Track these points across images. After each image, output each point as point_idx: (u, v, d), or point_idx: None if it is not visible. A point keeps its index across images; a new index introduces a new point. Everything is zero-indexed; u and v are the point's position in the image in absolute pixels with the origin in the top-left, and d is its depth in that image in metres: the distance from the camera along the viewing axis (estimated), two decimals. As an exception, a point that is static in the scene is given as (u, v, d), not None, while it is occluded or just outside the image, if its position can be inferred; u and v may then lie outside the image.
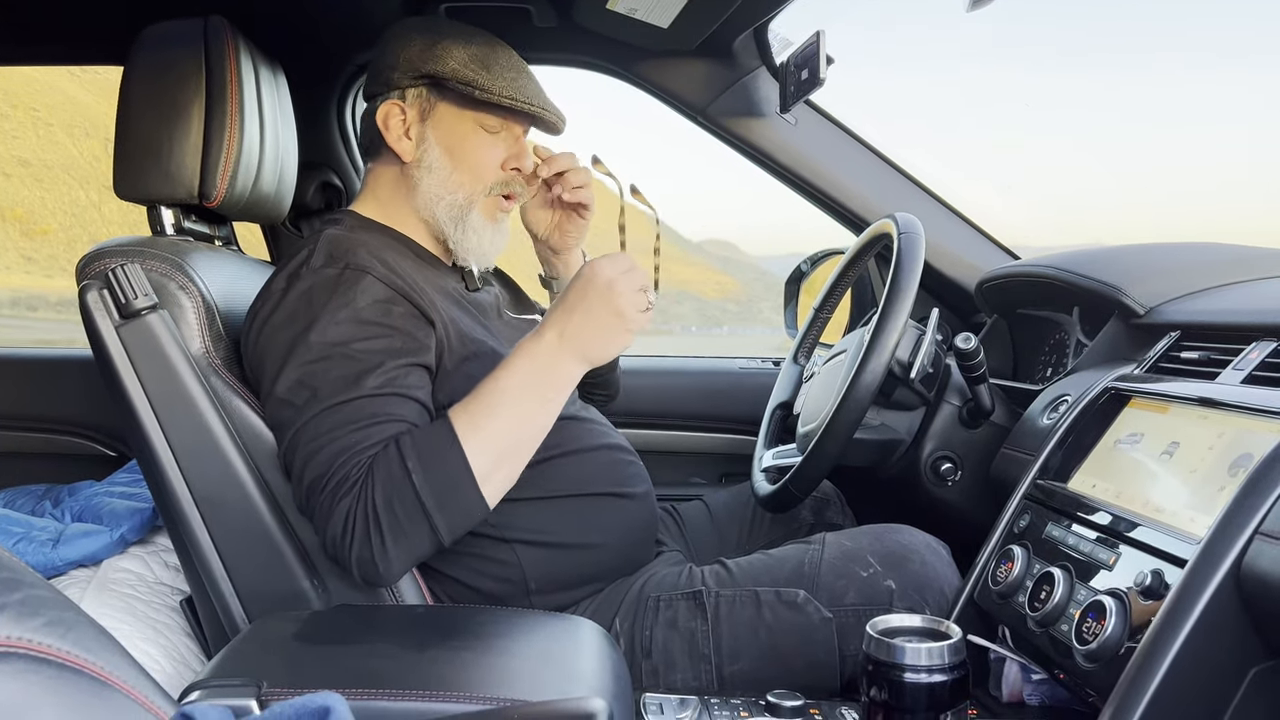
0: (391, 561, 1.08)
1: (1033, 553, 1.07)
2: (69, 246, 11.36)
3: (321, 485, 1.08)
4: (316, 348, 1.12)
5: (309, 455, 1.10)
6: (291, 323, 1.14)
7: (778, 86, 1.70)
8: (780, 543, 1.36)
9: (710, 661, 1.20)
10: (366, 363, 1.12)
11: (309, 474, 1.10)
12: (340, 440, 1.09)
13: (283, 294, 1.17)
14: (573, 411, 1.34)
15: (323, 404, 1.10)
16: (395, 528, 1.07)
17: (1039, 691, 1.07)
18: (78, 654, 0.45)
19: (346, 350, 1.12)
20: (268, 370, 1.15)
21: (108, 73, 1.53)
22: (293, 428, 1.12)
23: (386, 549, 1.07)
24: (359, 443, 1.09)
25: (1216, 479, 0.91)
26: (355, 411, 1.10)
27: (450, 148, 1.28)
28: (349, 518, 1.07)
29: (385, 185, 1.33)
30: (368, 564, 1.07)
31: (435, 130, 1.28)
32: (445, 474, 1.08)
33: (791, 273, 1.98)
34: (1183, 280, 1.29)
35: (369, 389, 1.11)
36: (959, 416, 1.40)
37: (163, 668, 1.31)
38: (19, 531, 1.50)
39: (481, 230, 1.31)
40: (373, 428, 1.10)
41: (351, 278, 1.16)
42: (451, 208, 1.30)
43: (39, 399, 1.97)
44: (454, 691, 0.90)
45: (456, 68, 1.25)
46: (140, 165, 1.25)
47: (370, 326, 1.14)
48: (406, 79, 1.27)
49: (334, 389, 1.11)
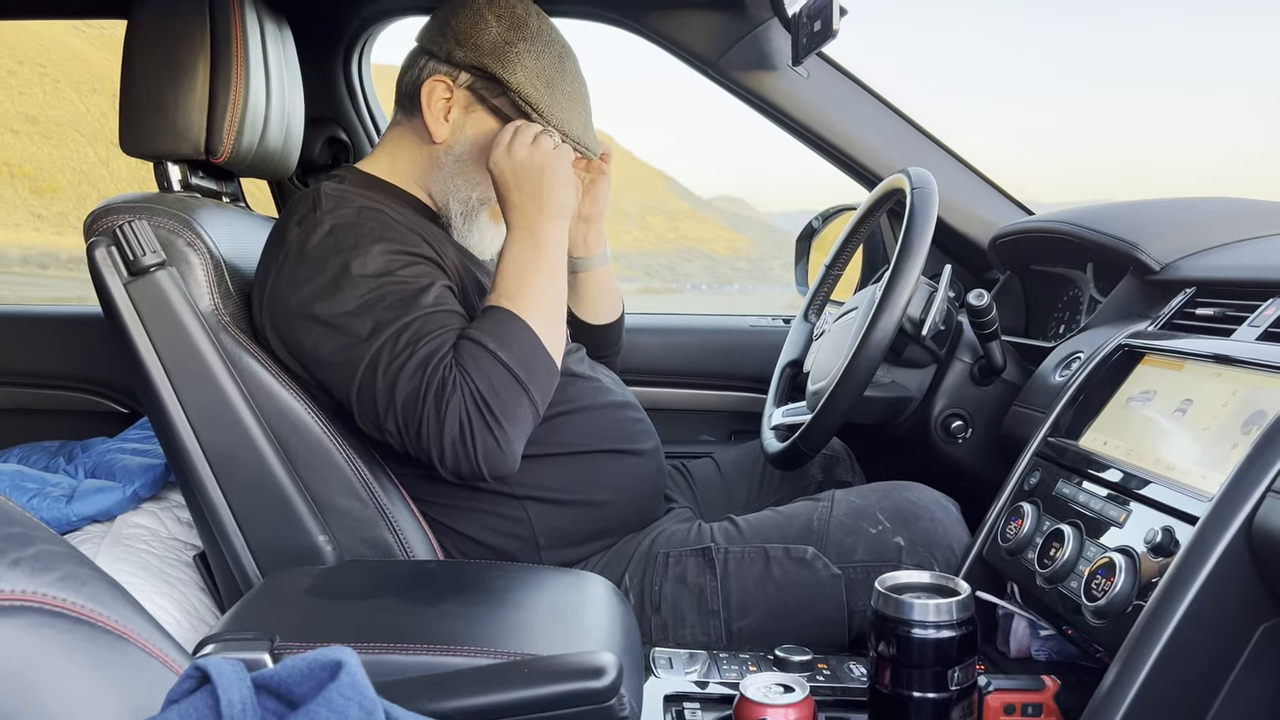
0: (513, 441, 1.10)
1: (1043, 510, 1.07)
2: (78, 203, 11.36)
3: (420, 398, 1.07)
4: (362, 281, 1.12)
5: (394, 377, 1.09)
6: (325, 263, 1.13)
7: (789, 39, 1.67)
8: (789, 500, 1.37)
9: (719, 617, 1.20)
10: (416, 284, 1.13)
11: (400, 393, 1.08)
12: (419, 353, 1.09)
13: (302, 240, 1.15)
14: (581, 370, 1.34)
15: (390, 329, 1.10)
16: (504, 409, 1.08)
17: (1047, 647, 1.07)
18: (92, 608, 0.45)
19: (394, 277, 1.13)
20: (313, 314, 1.13)
21: (114, 27, 1.51)
22: (365, 358, 1.10)
23: (506, 431, 1.08)
24: (437, 350, 1.09)
25: (1229, 436, 0.91)
26: (422, 326, 1.11)
27: (484, 147, 1.25)
28: (463, 415, 1.07)
29: (405, 151, 1.30)
30: (494, 453, 1.08)
31: (474, 126, 1.27)
32: (523, 345, 1.11)
33: (803, 229, 1.96)
34: (1198, 236, 1.27)
35: (426, 306, 1.12)
36: (970, 374, 1.40)
37: (177, 622, 1.32)
38: (33, 488, 1.51)
39: (485, 230, 1.31)
40: (443, 335, 1.11)
41: (371, 214, 1.17)
42: (465, 203, 1.29)
43: (51, 356, 1.98)
44: (465, 646, 0.90)
45: (523, 81, 1.23)
46: (146, 121, 1.24)
47: (404, 255, 1.15)
48: (469, 62, 1.24)
49: (395, 313, 1.11)
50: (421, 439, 1.08)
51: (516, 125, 1.21)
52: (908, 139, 1.76)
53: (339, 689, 0.40)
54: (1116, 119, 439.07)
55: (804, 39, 1.60)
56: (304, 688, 0.41)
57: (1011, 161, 40.26)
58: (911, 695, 0.88)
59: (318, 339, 1.13)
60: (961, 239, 1.76)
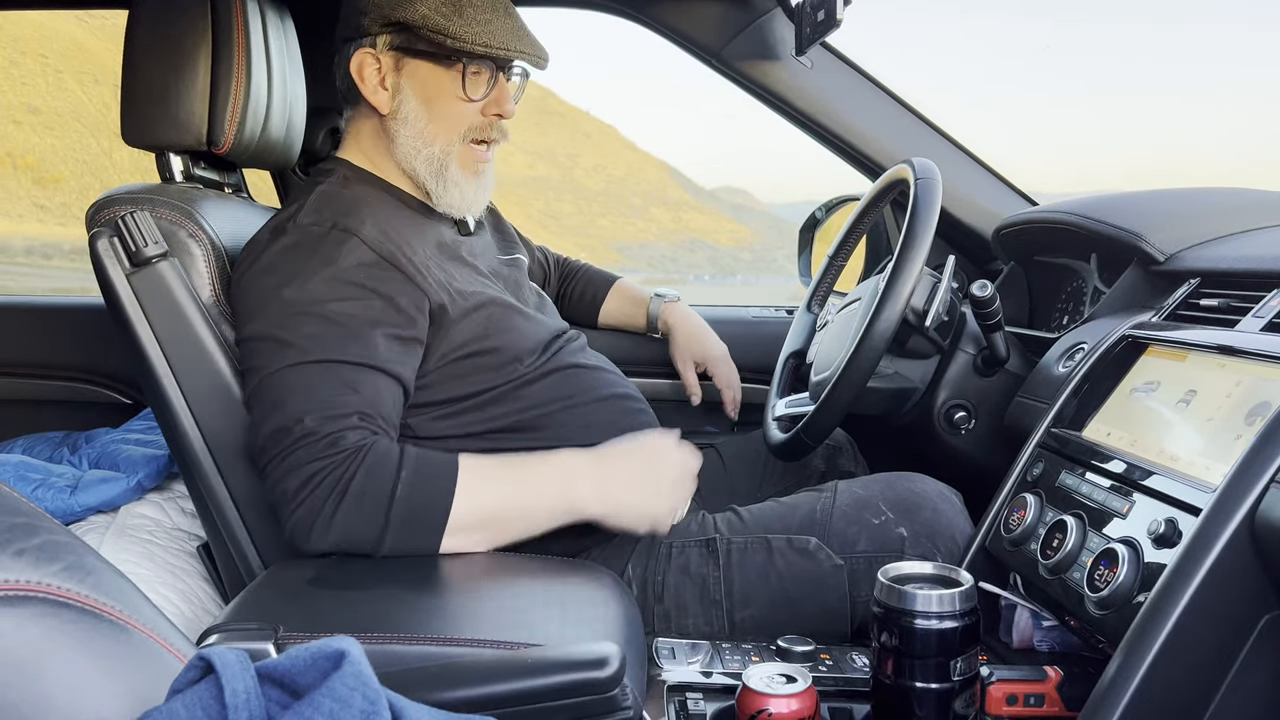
0: (327, 537, 1.06)
1: (1045, 501, 1.07)
2: (81, 194, 11.37)
3: (286, 436, 1.07)
4: (292, 303, 1.12)
5: (275, 404, 1.08)
6: (270, 274, 1.14)
7: (793, 28, 1.67)
8: (792, 490, 1.37)
9: (722, 607, 1.21)
10: (346, 327, 1.11)
11: (273, 422, 1.08)
12: (313, 398, 1.08)
13: (265, 246, 1.16)
14: (582, 360, 1.34)
15: (294, 359, 1.09)
16: (351, 514, 1.05)
17: (1049, 638, 1.07)
18: (97, 598, 0.45)
19: (322, 310, 1.12)
20: (242, 316, 1.15)
21: (116, 18, 1.51)
22: (259, 374, 1.11)
23: (331, 526, 1.05)
24: (331, 407, 1.08)
25: (1233, 427, 0.90)
26: (329, 374, 1.09)
27: (427, 99, 1.25)
28: (315, 480, 1.05)
29: (366, 136, 1.31)
30: (304, 528, 1.06)
31: (410, 80, 1.25)
32: (424, 504, 1.08)
33: (806, 220, 1.96)
34: (1203, 226, 1.27)
35: (348, 356, 1.10)
36: (974, 364, 1.39)
37: (181, 612, 1.33)
38: (37, 478, 1.51)
39: (463, 184, 1.29)
40: (348, 396, 1.09)
41: (337, 238, 1.16)
42: (429, 161, 1.27)
43: (55, 347, 1.98)
44: (468, 637, 0.91)
45: (426, 13, 1.21)
46: (148, 112, 1.24)
47: (349, 288, 1.13)
48: (376, 25, 1.24)
49: (308, 346, 1.10)
50: (269, 468, 1.08)
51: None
52: (911, 129, 1.76)
53: (343, 679, 0.40)
54: (1120, 111, 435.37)
55: (807, 29, 1.59)
56: (308, 678, 0.41)
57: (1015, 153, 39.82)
58: (914, 686, 0.88)
59: (237, 339, 1.15)
60: (965, 229, 1.75)
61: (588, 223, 41.51)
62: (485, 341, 1.24)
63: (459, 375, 1.23)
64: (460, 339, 1.22)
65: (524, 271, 1.48)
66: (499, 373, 1.25)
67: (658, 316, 1.72)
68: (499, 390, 1.25)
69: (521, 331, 1.28)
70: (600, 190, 11.58)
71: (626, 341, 1.77)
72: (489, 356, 1.24)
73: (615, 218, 13.48)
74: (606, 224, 42.61)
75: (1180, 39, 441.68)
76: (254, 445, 1.11)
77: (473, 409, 1.24)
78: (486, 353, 1.24)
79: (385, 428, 1.13)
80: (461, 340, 1.22)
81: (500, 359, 1.25)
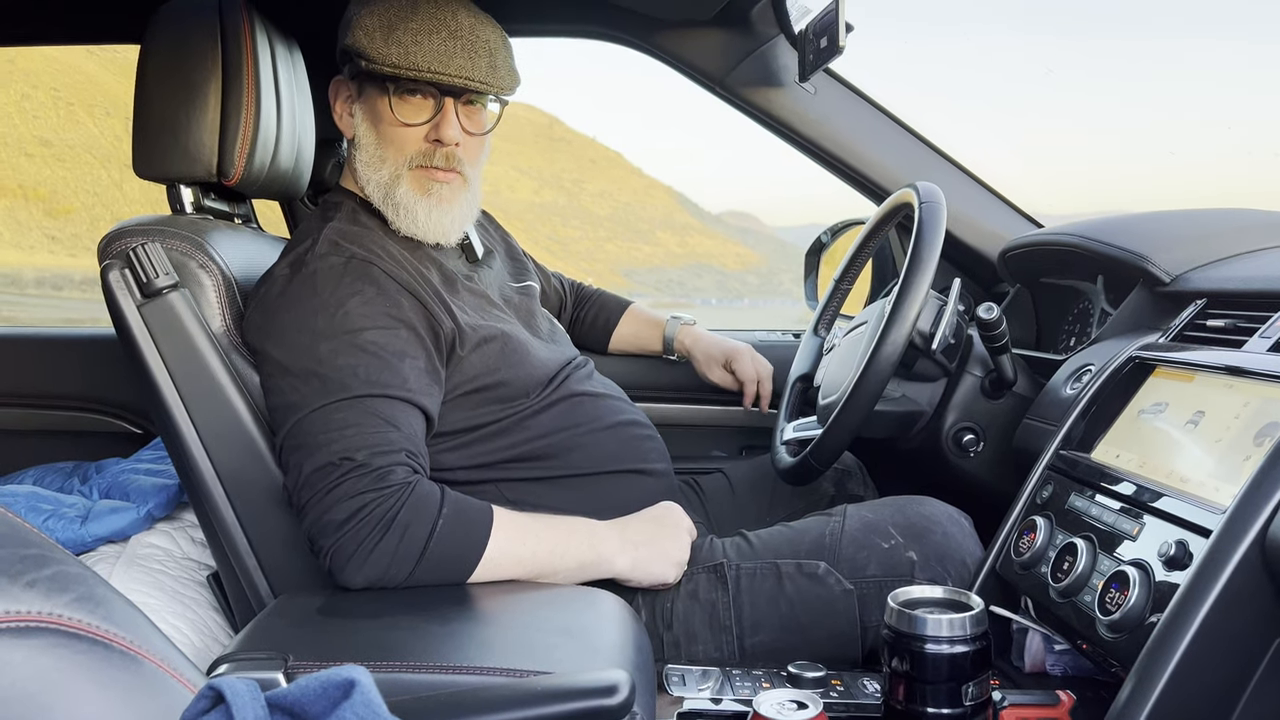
0: (363, 570, 1.06)
1: (1055, 523, 1.07)
2: (92, 225, 11.46)
3: (334, 470, 1.06)
4: (323, 333, 1.12)
5: (321, 443, 1.08)
6: (296, 306, 1.14)
7: (796, 55, 1.68)
8: (801, 515, 1.37)
9: (731, 633, 1.20)
10: (379, 357, 1.12)
11: (319, 459, 1.08)
12: (361, 434, 1.08)
13: (287, 280, 1.17)
14: (589, 388, 1.34)
15: (336, 394, 1.09)
16: (391, 549, 1.05)
17: (1061, 662, 1.07)
18: (107, 628, 0.45)
19: (355, 340, 1.12)
20: (267, 349, 1.15)
21: (127, 51, 1.53)
22: (299, 411, 1.10)
23: (369, 560, 1.05)
24: (379, 444, 1.08)
25: (1242, 448, 0.90)
26: (371, 409, 1.09)
27: (374, 124, 1.25)
28: (364, 511, 1.05)
29: (351, 164, 1.32)
30: (344, 558, 1.05)
31: (363, 106, 1.27)
32: (459, 543, 1.08)
33: (812, 244, 1.97)
34: (1209, 247, 1.27)
35: (386, 390, 1.10)
36: (981, 387, 1.39)
37: (191, 641, 1.33)
38: (48, 509, 1.52)
39: (413, 206, 1.25)
40: (391, 433, 1.09)
41: (358, 268, 1.16)
42: (379, 187, 1.26)
43: (66, 378, 1.99)
44: (477, 664, 0.90)
45: (359, 36, 1.20)
46: (159, 144, 1.26)
47: (379, 316, 1.14)
48: (340, 54, 1.26)
49: (346, 381, 1.10)
50: (312, 501, 1.07)
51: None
52: (915, 153, 1.76)
53: (352, 708, 0.40)
54: (1126, 131, 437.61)
55: (810, 55, 1.61)
56: (318, 706, 0.41)
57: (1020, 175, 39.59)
58: (926, 711, 0.87)
59: (266, 375, 1.15)
60: (971, 252, 1.76)
61: (595, 248, 41.65)
62: (495, 375, 1.24)
63: (467, 408, 1.23)
64: (471, 372, 1.22)
65: (536, 299, 1.48)
66: (507, 405, 1.25)
67: (674, 338, 1.72)
68: (506, 422, 1.25)
69: (531, 364, 1.28)
70: (607, 215, 11.65)
71: (636, 366, 1.78)
72: (498, 390, 1.25)
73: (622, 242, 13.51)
74: (613, 249, 42.73)
75: (1185, 58, 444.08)
76: (295, 482, 1.10)
77: (480, 440, 1.24)
78: (495, 386, 1.24)
79: (424, 465, 1.13)
80: (472, 374, 1.22)
81: (509, 392, 1.25)
